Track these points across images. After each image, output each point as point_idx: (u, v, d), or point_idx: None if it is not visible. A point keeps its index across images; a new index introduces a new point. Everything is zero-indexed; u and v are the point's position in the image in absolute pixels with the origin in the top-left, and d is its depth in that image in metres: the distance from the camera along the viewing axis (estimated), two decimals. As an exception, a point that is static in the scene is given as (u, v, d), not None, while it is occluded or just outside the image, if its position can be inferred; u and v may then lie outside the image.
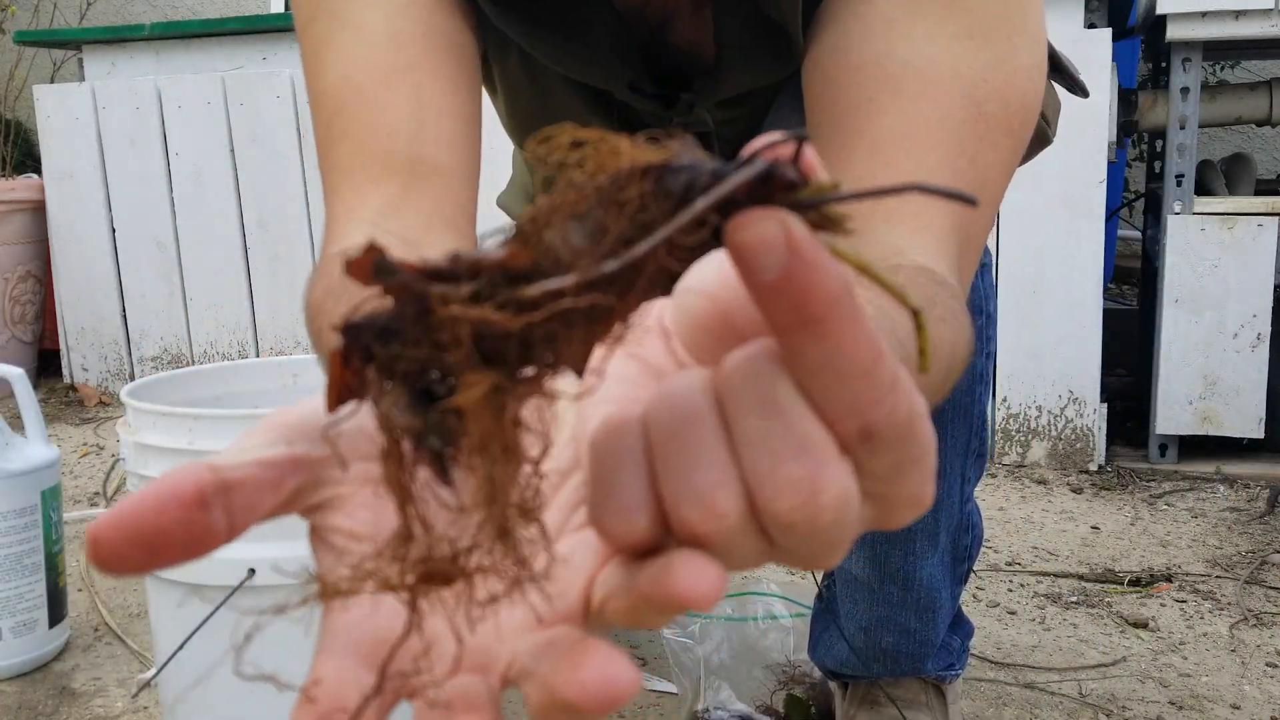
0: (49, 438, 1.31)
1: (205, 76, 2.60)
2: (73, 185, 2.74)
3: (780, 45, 0.74)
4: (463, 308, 0.26)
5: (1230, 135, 3.40)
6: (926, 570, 0.92)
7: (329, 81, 0.72)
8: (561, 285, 0.26)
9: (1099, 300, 2.06)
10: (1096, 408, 2.08)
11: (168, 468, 0.89)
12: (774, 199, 0.26)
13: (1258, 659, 1.28)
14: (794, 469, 0.27)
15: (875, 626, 0.94)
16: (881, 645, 0.95)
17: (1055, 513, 1.85)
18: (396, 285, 0.26)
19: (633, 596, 0.28)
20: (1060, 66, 0.91)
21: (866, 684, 1.00)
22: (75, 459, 2.27)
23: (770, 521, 0.27)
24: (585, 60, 0.78)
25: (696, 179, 0.26)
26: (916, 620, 0.94)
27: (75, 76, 2.80)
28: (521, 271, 0.26)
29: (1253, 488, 1.95)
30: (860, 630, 0.95)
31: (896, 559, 0.92)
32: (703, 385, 0.29)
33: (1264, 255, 1.97)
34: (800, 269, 0.25)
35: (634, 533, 0.28)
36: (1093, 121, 2.01)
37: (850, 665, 0.99)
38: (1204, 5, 1.89)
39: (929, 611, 0.94)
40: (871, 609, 0.94)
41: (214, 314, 2.70)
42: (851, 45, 0.66)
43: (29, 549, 1.25)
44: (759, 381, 0.27)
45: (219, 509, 0.29)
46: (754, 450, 0.27)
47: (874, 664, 0.97)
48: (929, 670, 0.98)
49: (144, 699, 1.19)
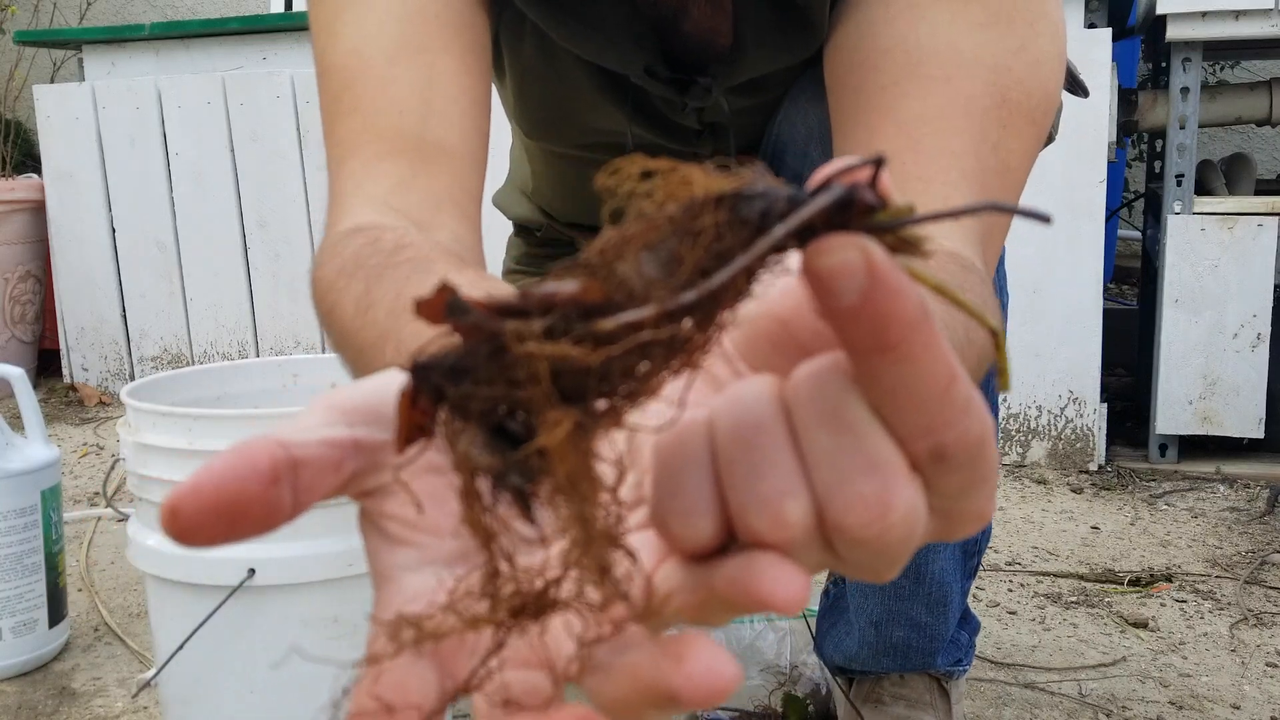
0: (49, 438, 1.31)
1: (205, 76, 2.60)
2: (73, 185, 2.74)
3: (800, 29, 0.75)
4: (539, 344, 0.25)
5: (1230, 135, 3.40)
6: (939, 564, 0.93)
7: (339, 55, 0.71)
8: (640, 317, 0.25)
9: (1099, 300, 2.06)
10: (1096, 408, 2.08)
11: (168, 468, 0.89)
12: (851, 223, 0.26)
13: (1258, 659, 1.28)
14: (865, 486, 0.27)
15: (886, 620, 0.94)
16: (892, 639, 0.95)
17: (1055, 513, 1.85)
18: (469, 325, 0.26)
19: (703, 594, 0.29)
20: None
21: (872, 682, 1.00)
22: (75, 459, 2.27)
23: (837, 535, 0.27)
24: (600, 44, 0.78)
25: (773, 206, 0.26)
26: (928, 614, 0.94)
27: (75, 76, 2.80)
28: (595, 305, 0.26)
29: (1253, 488, 1.95)
30: (871, 624, 0.95)
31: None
32: (771, 394, 0.29)
33: (1264, 255, 1.97)
34: (880, 294, 0.25)
35: (699, 536, 0.28)
36: (1093, 121, 2.01)
37: (859, 659, 0.98)
38: (1204, 5, 1.89)
39: (940, 605, 0.94)
40: (883, 603, 0.94)
41: (214, 314, 2.70)
42: (876, 30, 0.67)
43: (29, 549, 1.25)
44: (829, 396, 0.27)
45: (287, 486, 0.29)
46: (824, 464, 0.27)
47: (884, 658, 0.97)
48: (939, 665, 0.98)
49: (144, 699, 1.19)
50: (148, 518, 0.94)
